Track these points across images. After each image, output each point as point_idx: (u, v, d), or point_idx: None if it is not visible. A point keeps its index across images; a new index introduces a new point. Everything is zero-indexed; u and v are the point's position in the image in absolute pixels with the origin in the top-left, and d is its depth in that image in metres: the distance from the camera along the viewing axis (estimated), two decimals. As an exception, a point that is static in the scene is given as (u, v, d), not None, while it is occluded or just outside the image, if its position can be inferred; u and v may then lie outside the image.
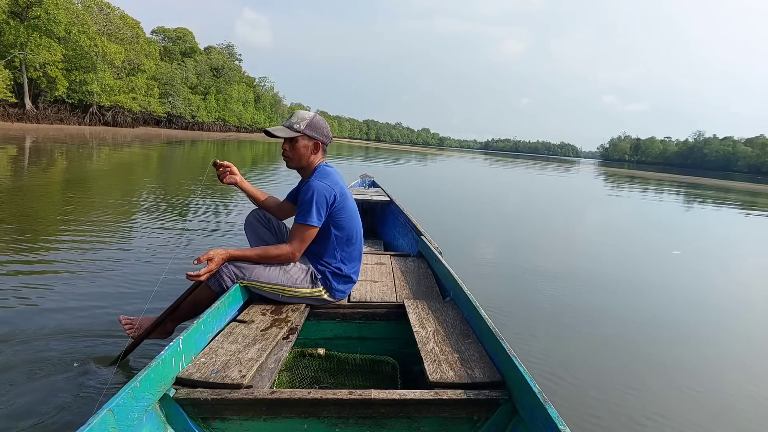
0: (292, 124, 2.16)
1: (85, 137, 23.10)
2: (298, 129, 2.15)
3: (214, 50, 59.34)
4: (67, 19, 29.77)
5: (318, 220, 2.09)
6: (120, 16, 36.85)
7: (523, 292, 4.20)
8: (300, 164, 2.22)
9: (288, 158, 2.22)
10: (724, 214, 14.67)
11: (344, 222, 2.19)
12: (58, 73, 30.13)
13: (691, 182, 35.95)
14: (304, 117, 2.18)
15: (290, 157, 2.20)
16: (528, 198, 14.64)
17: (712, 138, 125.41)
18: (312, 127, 2.17)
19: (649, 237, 8.71)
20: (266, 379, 1.56)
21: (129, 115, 38.47)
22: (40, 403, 1.85)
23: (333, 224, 2.16)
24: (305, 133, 2.15)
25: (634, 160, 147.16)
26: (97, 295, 3.01)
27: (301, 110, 2.22)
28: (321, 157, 2.26)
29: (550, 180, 25.44)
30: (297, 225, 2.11)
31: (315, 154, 2.22)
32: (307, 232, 2.10)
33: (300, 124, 2.16)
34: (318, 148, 2.22)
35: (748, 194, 26.77)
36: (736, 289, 5.44)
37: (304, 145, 2.18)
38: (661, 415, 2.29)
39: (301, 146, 2.17)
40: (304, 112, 2.21)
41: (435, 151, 78.98)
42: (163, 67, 44.41)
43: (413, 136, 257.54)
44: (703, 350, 3.33)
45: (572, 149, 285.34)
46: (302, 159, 2.20)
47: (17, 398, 1.87)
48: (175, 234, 4.96)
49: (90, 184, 8.49)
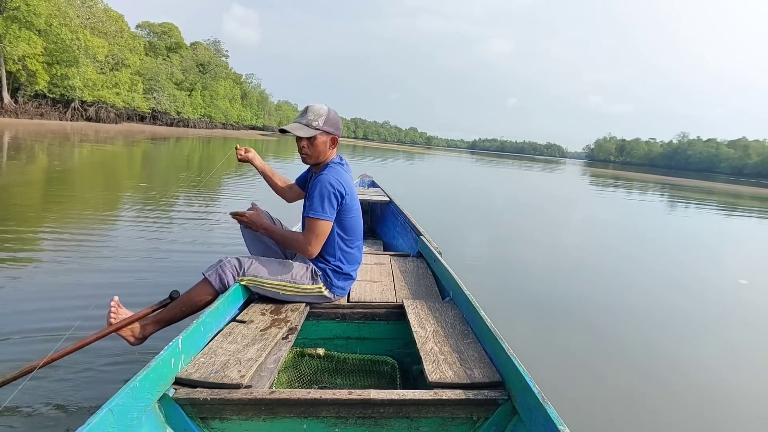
0: (310, 122, 2.11)
1: (67, 133, 22.62)
2: (317, 126, 2.10)
3: (200, 46, 58.64)
4: (47, 10, 29.12)
5: (330, 215, 2.07)
6: (103, 10, 36.19)
7: (523, 292, 4.22)
8: (318, 160, 2.19)
9: (307, 155, 2.17)
10: (707, 215, 14.99)
11: (349, 221, 2.18)
12: (39, 67, 29.46)
13: (675, 183, 36.66)
14: (320, 113, 2.13)
15: (309, 154, 2.16)
16: (521, 197, 14.78)
17: (696, 140, 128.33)
18: (329, 123, 2.14)
19: (647, 237, 8.83)
20: (265, 379, 1.55)
21: (112, 111, 37.84)
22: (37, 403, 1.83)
23: (337, 222, 2.15)
24: (324, 130, 2.12)
25: (620, 160, 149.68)
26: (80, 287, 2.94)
27: (315, 105, 2.16)
28: (335, 151, 2.25)
29: (539, 180, 25.71)
30: (309, 219, 2.07)
31: (332, 149, 2.21)
32: (320, 227, 2.06)
33: (318, 120, 2.11)
34: (335, 143, 2.20)
35: (729, 195, 27.36)
36: (735, 287, 5.54)
37: (323, 142, 2.14)
38: (661, 415, 2.30)
39: (320, 143, 2.14)
40: (319, 107, 2.15)
41: (422, 150, 79.32)
42: (147, 62, 43.76)
43: (401, 135, 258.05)
44: (703, 349, 3.35)
45: (558, 149, 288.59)
46: (320, 155, 2.17)
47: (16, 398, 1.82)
48: (160, 230, 4.88)
49: (68, 184, 8.31)
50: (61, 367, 2.06)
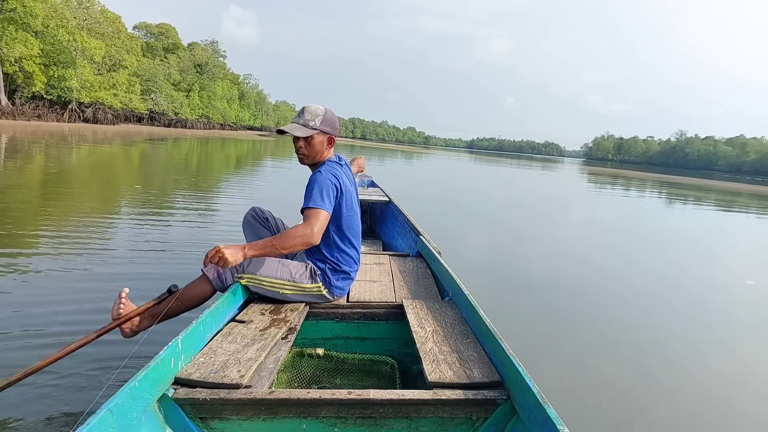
0: (307, 122, 2.12)
1: (64, 134, 22.55)
2: (314, 126, 2.11)
3: (197, 46, 58.54)
4: (44, 12, 29.04)
5: (328, 206, 1.99)
6: (100, 11, 36.09)
7: (523, 292, 4.21)
8: (314, 160, 2.20)
9: (304, 155, 2.18)
10: (707, 213, 15.01)
11: (345, 220, 2.17)
12: (36, 68, 29.38)
13: (674, 181, 36.62)
14: (317, 113, 2.14)
15: (306, 154, 2.17)
16: (520, 196, 14.78)
17: (694, 138, 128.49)
18: (326, 123, 2.14)
19: (648, 236, 8.81)
20: (265, 379, 1.55)
21: (110, 112, 37.76)
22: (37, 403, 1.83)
23: (335, 221, 2.14)
24: (321, 130, 2.13)
25: (617, 159, 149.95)
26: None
27: (312, 105, 2.17)
28: (332, 150, 2.25)
29: (538, 179, 25.72)
30: (307, 210, 1.97)
31: (329, 148, 2.21)
32: (316, 215, 1.94)
33: (315, 120, 2.12)
34: (331, 142, 2.21)
35: (728, 193, 27.37)
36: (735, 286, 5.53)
37: (320, 141, 2.15)
38: (660, 415, 2.29)
39: (317, 143, 2.15)
40: (316, 107, 2.16)
41: (421, 150, 79.28)
42: (145, 63, 43.66)
43: (399, 135, 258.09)
44: (704, 349, 3.33)
45: (556, 148, 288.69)
46: (317, 155, 2.18)
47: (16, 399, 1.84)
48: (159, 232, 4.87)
49: (67, 185, 8.29)
50: (60, 367, 2.04)
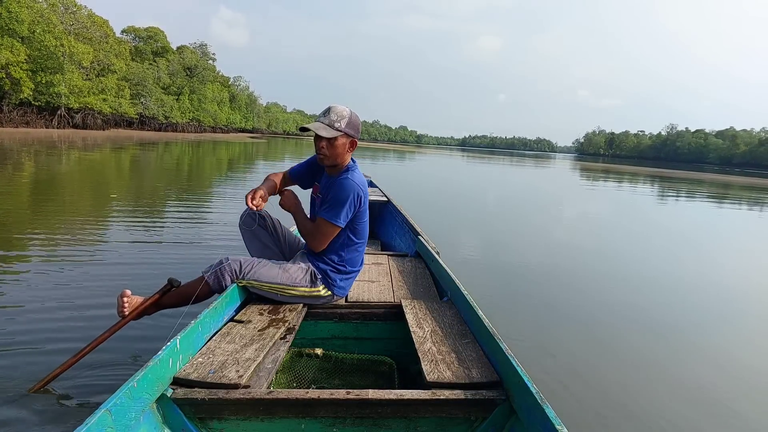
0: (332, 122, 2.09)
1: (54, 141, 22.30)
2: (339, 128, 2.09)
3: (186, 49, 58.13)
4: (30, 17, 28.70)
5: (344, 221, 2.11)
6: (87, 15, 35.71)
7: (521, 291, 4.19)
8: (335, 162, 2.18)
9: (324, 156, 2.15)
10: (704, 208, 15.14)
11: (361, 225, 2.20)
12: (23, 75, 28.99)
13: (666, 175, 36.73)
14: (343, 114, 2.11)
15: (327, 155, 2.14)
16: (515, 194, 14.82)
17: (685, 131, 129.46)
18: (351, 125, 2.13)
19: (645, 232, 8.76)
20: (263, 379, 1.55)
21: (99, 117, 37.35)
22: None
23: (349, 226, 2.17)
24: (345, 132, 2.11)
25: (609, 153, 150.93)
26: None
27: (338, 106, 2.13)
28: (350, 154, 2.24)
29: (530, 176, 25.81)
30: (324, 222, 2.11)
31: (350, 152, 2.20)
32: (332, 231, 2.13)
33: (341, 122, 2.09)
34: (353, 146, 2.20)
35: (720, 186, 27.58)
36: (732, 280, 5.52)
37: (342, 144, 2.13)
38: (660, 415, 2.28)
39: (340, 144, 2.12)
40: (342, 108, 2.13)
41: (413, 149, 79.26)
42: (134, 67, 43.31)
43: (391, 134, 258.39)
44: (703, 348, 3.30)
45: (548, 144, 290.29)
46: (338, 157, 2.16)
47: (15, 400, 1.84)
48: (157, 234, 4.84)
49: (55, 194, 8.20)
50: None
